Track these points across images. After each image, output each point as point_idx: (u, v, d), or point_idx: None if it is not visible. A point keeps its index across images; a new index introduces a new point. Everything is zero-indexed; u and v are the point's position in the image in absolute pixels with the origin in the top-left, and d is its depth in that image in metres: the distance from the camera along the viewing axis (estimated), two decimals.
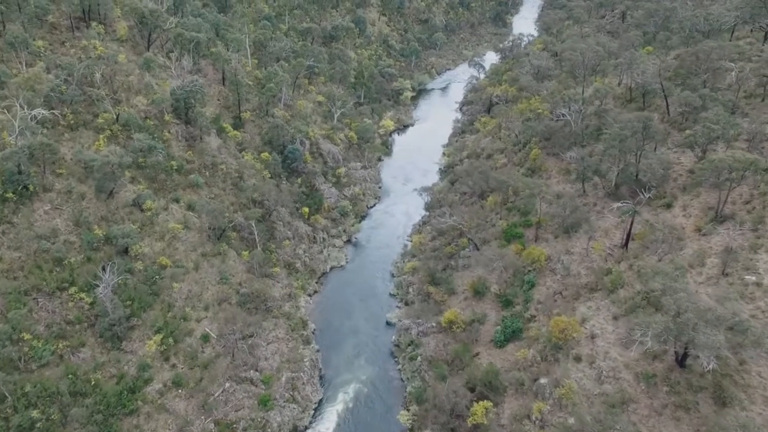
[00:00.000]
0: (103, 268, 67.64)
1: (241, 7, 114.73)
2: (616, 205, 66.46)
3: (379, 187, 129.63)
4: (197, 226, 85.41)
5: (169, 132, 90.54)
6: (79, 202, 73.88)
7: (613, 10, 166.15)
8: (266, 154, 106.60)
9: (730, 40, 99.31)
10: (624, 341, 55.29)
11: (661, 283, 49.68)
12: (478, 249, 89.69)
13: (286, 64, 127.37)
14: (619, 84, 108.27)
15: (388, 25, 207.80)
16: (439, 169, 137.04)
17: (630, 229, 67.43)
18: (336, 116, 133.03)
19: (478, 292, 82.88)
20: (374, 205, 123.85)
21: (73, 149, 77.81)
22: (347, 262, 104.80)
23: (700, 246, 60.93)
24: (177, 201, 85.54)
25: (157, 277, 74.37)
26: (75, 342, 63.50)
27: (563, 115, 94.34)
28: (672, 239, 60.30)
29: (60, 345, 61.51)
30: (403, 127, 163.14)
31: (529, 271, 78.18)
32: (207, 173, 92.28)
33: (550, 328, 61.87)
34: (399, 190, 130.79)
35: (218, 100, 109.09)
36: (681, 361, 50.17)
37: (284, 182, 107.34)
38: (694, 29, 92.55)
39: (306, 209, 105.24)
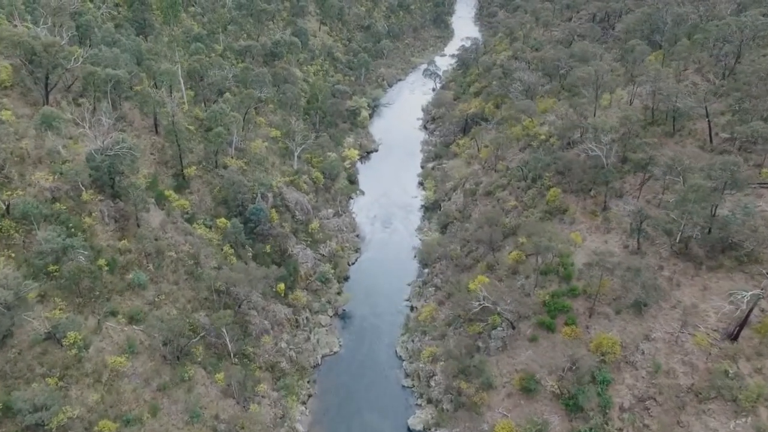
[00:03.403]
0: None
1: (168, 29, 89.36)
2: (746, 295, 50.83)
3: (357, 236, 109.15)
4: (147, 345, 61.36)
5: (90, 216, 65.15)
6: None
7: (578, 12, 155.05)
8: (223, 219, 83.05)
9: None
10: None
11: None
12: (514, 328, 72.17)
13: (231, 97, 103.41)
14: (630, 102, 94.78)
15: (330, 35, 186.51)
16: (422, 205, 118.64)
17: (747, 317, 52.35)
18: (297, 154, 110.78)
19: (528, 389, 65.36)
20: (356, 261, 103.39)
21: None
22: (341, 347, 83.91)
23: None
24: (114, 314, 60.99)
25: None
26: None
27: (591, 149, 78.75)
28: None
29: None
30: (366, 154, 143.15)
31: (599, 363, 61.44)
32: (151, 265, 67.74)
33: None
34: (379, 234, 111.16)
35: (152, 154, 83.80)
36: None
37: (250, 252, 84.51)
38: (722, 39, 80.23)
39: (281, 285, 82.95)
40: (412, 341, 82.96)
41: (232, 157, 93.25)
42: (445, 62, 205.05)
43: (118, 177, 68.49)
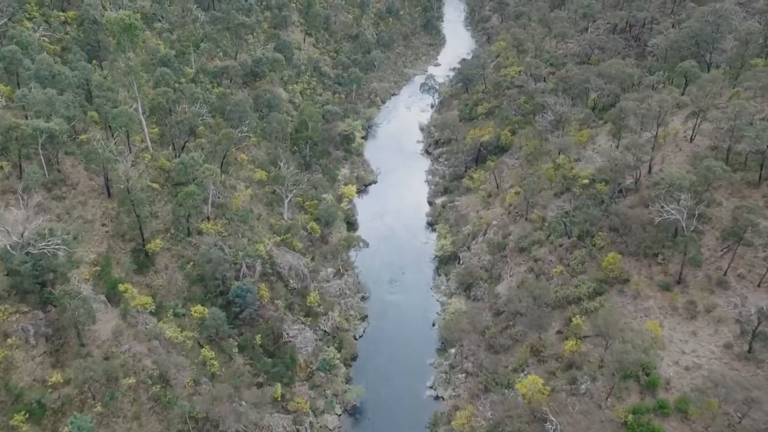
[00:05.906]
0: None
1: (124, 57, 69.98)
2: None
3: (363, 298, 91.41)
4: None
5: (6, 340, 46.21)
6: None
7: (595, 21, 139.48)
8: (199, 308, 64.47)
9: None
10: None
11: None
12: None
13: (206, 138, 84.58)
14: (691, 139, 79.03)
15: (316, 47, 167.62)
16: (436, 256, 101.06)
17: None
18: (287, 200, 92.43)
19: None
20: (364, 332, 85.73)
21: None
22: None
23: None
24: None
25: None
26: None
27: (664, 209, 62.49)
28: None
29: None
30: (364, 187, 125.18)
31: None
32: (98, 403, 48.98)
33: None
34: (388, 294, 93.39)
35: (104, 225, 64.64)
36: None
37: (235, 344, 66.23)
38: None
39: (278, 389, 64.85)
40: None
41: (208, 218, 74.62)
42: (439, 72, 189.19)
43: (49, 276, 49.63)
